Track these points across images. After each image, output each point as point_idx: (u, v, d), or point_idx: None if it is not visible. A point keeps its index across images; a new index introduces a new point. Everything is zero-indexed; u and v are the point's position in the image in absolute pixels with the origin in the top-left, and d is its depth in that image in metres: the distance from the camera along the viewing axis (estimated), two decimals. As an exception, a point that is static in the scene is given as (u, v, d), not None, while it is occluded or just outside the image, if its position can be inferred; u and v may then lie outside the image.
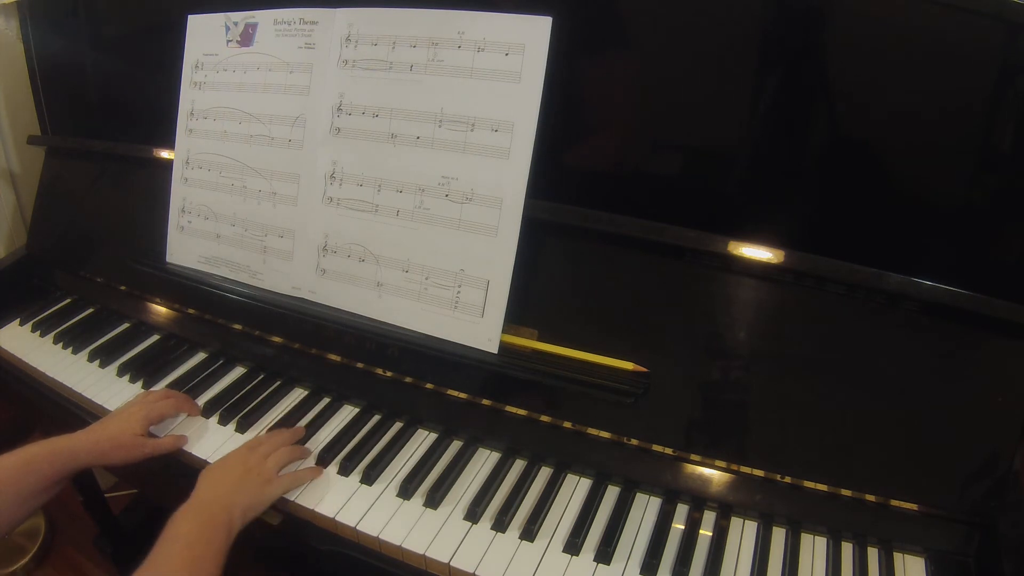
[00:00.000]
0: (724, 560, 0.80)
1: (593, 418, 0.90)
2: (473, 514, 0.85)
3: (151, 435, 0.97)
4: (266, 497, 0.85)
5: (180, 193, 1.18)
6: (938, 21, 0.75)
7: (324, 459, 0.93)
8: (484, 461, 0.94)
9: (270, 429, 0.99)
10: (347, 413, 1.02)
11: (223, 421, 1.00)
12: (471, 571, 0.78)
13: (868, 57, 0.79)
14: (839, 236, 0.85)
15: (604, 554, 0.80)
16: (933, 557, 0.81)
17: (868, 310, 0.82)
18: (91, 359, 1.15)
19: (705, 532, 0.84)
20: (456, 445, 0.96)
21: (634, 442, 0.89)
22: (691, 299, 0.87)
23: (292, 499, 0.87)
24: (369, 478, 0.90)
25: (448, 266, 0.95)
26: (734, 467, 0.85)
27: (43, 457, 0.86)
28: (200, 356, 1.15)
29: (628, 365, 0.88)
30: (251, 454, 0.89)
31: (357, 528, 0.83)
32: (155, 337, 1.20)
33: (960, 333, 0.80)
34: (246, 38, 1.09)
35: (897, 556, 0.81)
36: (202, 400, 1.05)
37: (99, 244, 1.31)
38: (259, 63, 1.08)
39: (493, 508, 0.86)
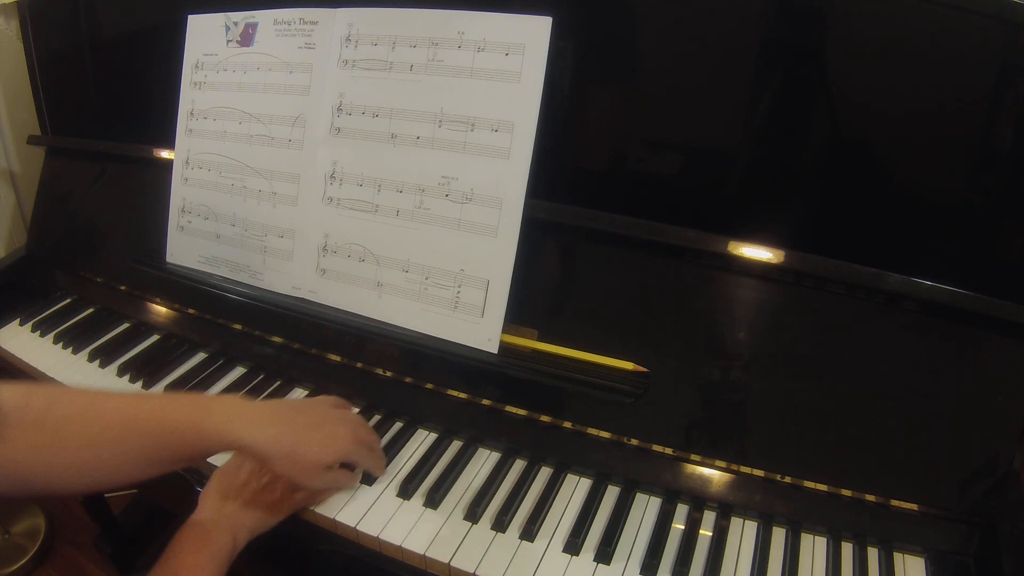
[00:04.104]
0: (724, 560, 0.80)
1: (593, 418, 0.90)
2: (473, 514, 0.85)
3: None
4: (273, 520, 0.81)
5: (180, 193, 1.18)
6: (938, 21, 0.75)
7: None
8: (484, 461, 0.94)
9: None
10: (347, 413, 1.02)
11: (223, 421, 1.00)
12: (471, 571, 0.78)
13: (868, 57, 0.79)
14: (839, 236, 0.85)
15: (604, 554, 0.80)
16: (933, 557, 0.81)
17: (868, 310, 0.82)
18: (91, 359, 1.15)
19: (705, 532, 0.84)
20: (456, 445, 0.96)
21: (634, 442, 0.89)
22: (691, 299, 0.87)
23: (292, 499, 0.87)
24: (369, 478, 0.89)
25: (448, 266, 0.95)
26: (734, 467, 0.85)
27: (183, 435, 0.70)
28: (200, 356, 1.15)
29: (628, 365, 0.88)
30: (263, 469, 0.83)
31: (357, 528, 0.83)
32: (155, 337, 1.20)
33: (960, 333, 0.80)
34: (246, 38, 1.09)
35: (897, 556, 0.81)
36: (202, 400, 1.05)
37: (99, 244, 1.31)
38: (259, 63, 1.08)
39: (493, 508, 0.86)
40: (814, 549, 0.82)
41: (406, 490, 0.88)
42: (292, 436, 0.75)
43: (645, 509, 0.87)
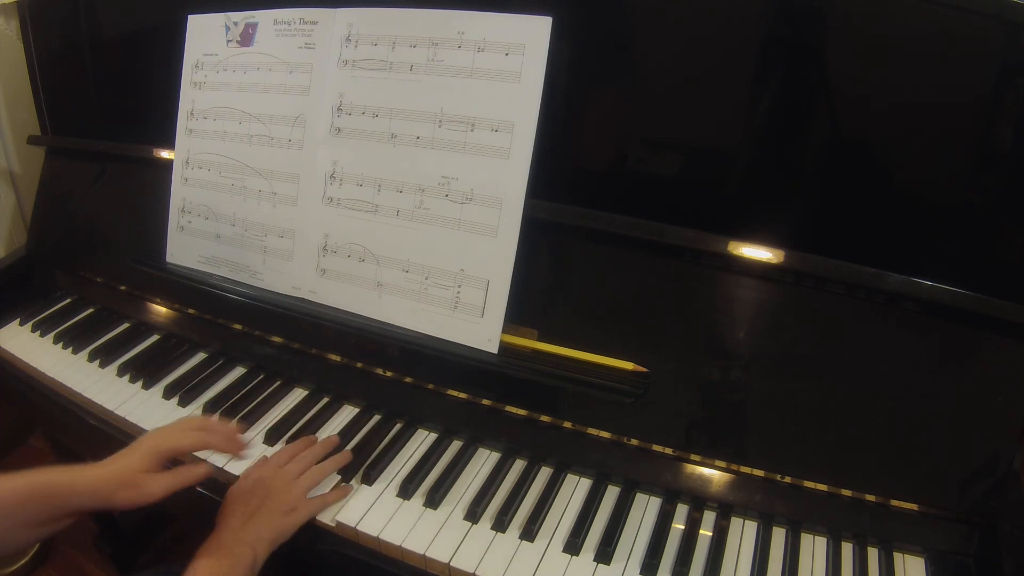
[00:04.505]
0: (724, 560, 0.80)
1: (593, 418, 0.90)
2: (473, 514, 0.85)
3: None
4: (291, 526, 0.81)
5: (180, 193, 1.18)
6: (938, 21, 0.75)
7: (323, 459, 0.93)
8: (484, 461, 0.94)
9: (270, 429, 0.98)
10: (347, 413, 1.02)
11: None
12: (471, 571, 0.78)
13: (868, 57, 0.79)
14: (839, 236, 0.85)
15: (604, 554, 0.80)
16: (933, 557, 0.81)
17: (868, 310, 0.82)
18: (91, 359, 1.15)
19: (705, 532, 0.84)
20: (456, 445, 0.96)
21: (634, 442, 0.89)
22: (691, 299, 0.87)
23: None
24: (369, 478, 0.90)
25: (448, 266, 0.95)
26: (734, 467, 0.85)
27: (40, 492, 0.74)
28: (200, 356, 1.15)
29: (628, 365, 0.88)
30: (276, 477, 0.85)
31: (357, 528, 0.83)
32: (155, 337, 1.20)
33: (960, 333, 0.80)
34: (246, 38, 1.09)
35: (897, 556, 0.81)
36: (202, 400, 1.05)
37: (99, 244, 1.31)
38: (259, 63, 1.08)
39: (493, 508, 0.86)
40: (814, 549, 0.82)
41: (406, 490, 0.88)
42: (109, 468, 0.78)
43: (645, 509, 0.87)
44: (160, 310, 1.23)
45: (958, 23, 0.75)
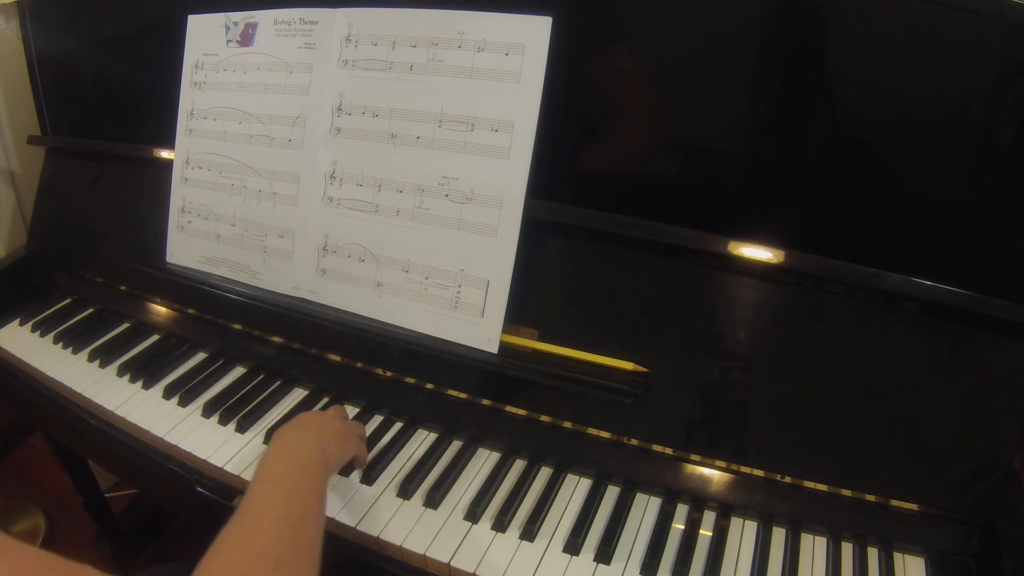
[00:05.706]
0: (724, 560, 0.80)
1: (593, 418, 0.90)
2: (473, 514, 0.85)
3: None
4: (346, 450, 0.85)
5: (180, 193, 1.18)
6: (938, 21, 0.75)
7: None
8: (484, 461, 0.94)
9: (270, 429, 0.98)
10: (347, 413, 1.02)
11: (223, 421, 1.00)
12: (471, 571, 0.78)
13: (868, 57, 0.79)
14: (839, 236, 0.85)
15: (604, 554, 0.80)
16: (933, 557, 0.81)
17: (868, 310, 0.82)
18: (91, 359, 1.15)
19: (705, 532, 0.84)
20: (456, 445, 0.96)
21: (634, 442, 0.89)
22: (691, 299, 0.87)
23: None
24: (369, 478, 0.90)
25: (448, 266, 0.95)
26: (734, 467, 0.85)
27: None
28: (200, 356, 1.15)
29: (628, 365, 0.88)
30: (323, 414, 0.89)
31: (357, 528, 0.83)
32: (155, 337, 1.20)
33: (960, 333, 0.80)
34: (246, 38, 1.09)
35: (897, 556, 0.81)
36: (202, 400, 1.05)
37: (99, 244, 1.31)
38: (259, 63, 1.08)
39: (493, 508, 0.86)
40: (814, 549, 0.82)
41: (406, 490, 0.88)
42: None
43: (645, 509, 0.87)
44: (160, 310, 1.23)
45: (958, 23, 0.75)
